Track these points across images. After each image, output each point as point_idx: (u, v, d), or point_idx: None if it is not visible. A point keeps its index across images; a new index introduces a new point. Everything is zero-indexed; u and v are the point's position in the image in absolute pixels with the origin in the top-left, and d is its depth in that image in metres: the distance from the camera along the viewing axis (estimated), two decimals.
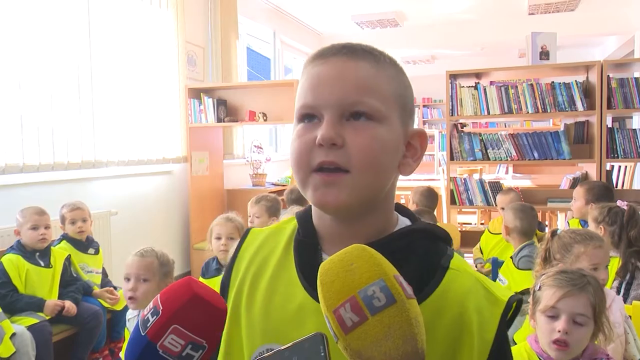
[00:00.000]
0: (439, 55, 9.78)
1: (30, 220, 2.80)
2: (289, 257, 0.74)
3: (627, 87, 3.85)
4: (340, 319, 0.54)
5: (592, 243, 1.91)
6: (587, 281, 1.46)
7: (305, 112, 0.69)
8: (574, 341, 1.41)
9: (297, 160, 0.69)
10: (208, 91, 4.72)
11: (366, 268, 0.55)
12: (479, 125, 9.82)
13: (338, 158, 0.65)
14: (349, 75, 0.68)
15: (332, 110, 0.67)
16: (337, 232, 0.71)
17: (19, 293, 2.72)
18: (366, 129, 0.67)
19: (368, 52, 0.71)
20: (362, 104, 0.67)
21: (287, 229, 0.79)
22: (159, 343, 0.58)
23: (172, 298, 0.60)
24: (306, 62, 0.72)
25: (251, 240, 0.81)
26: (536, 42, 4.22)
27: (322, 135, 0.65)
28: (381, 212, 0.72)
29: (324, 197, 0.66)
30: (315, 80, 0.69)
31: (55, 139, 3.36)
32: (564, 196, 4.15)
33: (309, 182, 0.68)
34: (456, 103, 4.21)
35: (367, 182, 0.67)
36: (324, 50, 0.71)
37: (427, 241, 0.72)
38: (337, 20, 7.52)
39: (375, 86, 0.69)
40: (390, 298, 0.53)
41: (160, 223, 4.38)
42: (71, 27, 3.49)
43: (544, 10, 6.94)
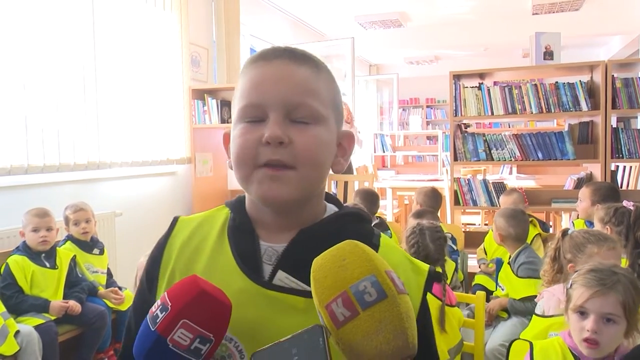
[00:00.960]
0: (443, 55, 9.77)
1: (31, 223, 2.81)
2: (224, 244, 0.76)
3: (631, 87, 3.84)
4: (332, 314, 0.55)
5: (606, 244, 1.92)
6: (617, 279, 1.45)
7: (249, 112, 0.72)
8: (605, 340, 1.42)
9: (241, 157, 0.71)
10: (212, 92, 4.73)
11: (358, 264, 0.57)
12: (482, 125, 9.80)
13: (284, 156, 0.69)
14: (293, 77, 0.72)
15: (277, 110, 0.70)
16: (273, 221, 0.75)
17: (24, 294, 2.73)
18: (309, 129, 0.71)
19: (309, 57, 0.75)
20: (306, 106, 0.71)
21: (219, 217, 0.81)
22: (169, 337, 0.60)
23: (180, 294, 0.62)
24: (247, 63, 0.76)
25: (180, 228, 0.83)
26: (540, 42, 4.22)
27: (270, 134, 0.68)
28: (313, 204, 0.76)
29: (270, 191, 0.70)
30: (259, 80, 0.72)
31: (60, 140, 3.37)
32: (568, 197, 4.14)
33: (253, 178, 0.71)
34: (460, 103, 4.21)
35: (309, 178, 0.71)
36: (266, 52, 0.75)
37: (356, 224, 0.77)
38: (341, 21, 7.53)
39: (316, 89, 0.73)
40: (382, 293, 0.54)
41: (164, 224, 4.29)
42: (76, 29, 3.50)
43: (548, 10, 6.92)
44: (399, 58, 10.01)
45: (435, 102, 11.64)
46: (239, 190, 3.31)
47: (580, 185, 4.30)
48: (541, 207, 4.37)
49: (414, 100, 11.68)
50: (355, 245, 0.59)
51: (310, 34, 7.81)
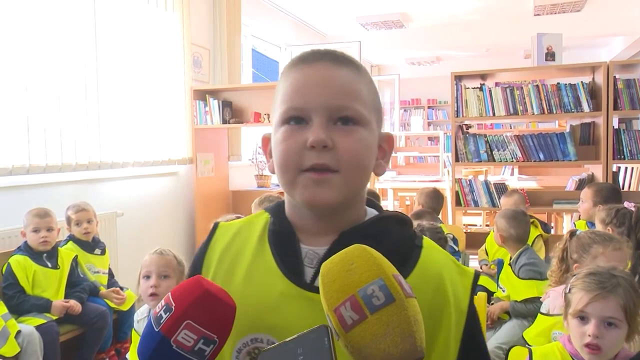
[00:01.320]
0: (444, 56, 9.77)
1: (32, 223, 2.81)
2: (264, 248, 0.77)
3: (633, 88, 3.83)
4: (341, 318, 0.55)
5: (612, 245, 1.91)
6: (617, 282, 1.43)
7: (292, 115, 0.72)
8: (606, 344, 1.40)
9: (285, 162, 0.71)
10: (213, 93, 4.73)
11: (366, 268, 0.57)
12: (484, 126, 9.80)
13: (329, 160, 0.69)
14: (336, 80, 0.71)
15: (321, 113, 0.70)
16: (314, 225, 0.75)
17: (26, 294, 2.74)
18: (353, 133, 0.71)
19: (349, 59, 0.75)
20: (350, 109, 0.71)
21: (259, 222, 0.81)
22: (172, 338, 0.60)
23: (184, 295, 0.62)
24: (288, 66, 0.75)
25: (221, 234, 0.83)
26: (542, 43, 4.21)
27: (314, 139, 0.68)
28: (354, 208, 0.76)
29: (316, 195, 0.70)
30: (302, 84, 0.72)
31: (62, 141, 3.37)
32: (570, 198, 4.13)
33: (298, 182, 0.71)
34: (461, 104, 4.21)
35: (353, 181, 0.72)
36: (307, 55, 0.74)
37: (397, 226, 0.77)
38: (342, 21, 7.53)
39: (358, 92, 0.73)
40: (389, 297, 0.55)
41: (165, 224, 4.39)
42: (77, 30, 3.51)
43: (550, 11, 6.92)
44: (401, 59, 10.01)
45: (437, 103, 11.64)
46: (241, 191, 3.33)
47: (581, 186, 4.29)
48: (543, 208, 4.36)
49: (416, 101, 11.68)
50: (363, 249, 0.59)
51: (311, 34, 7.82)
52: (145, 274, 1.95)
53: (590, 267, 1.54)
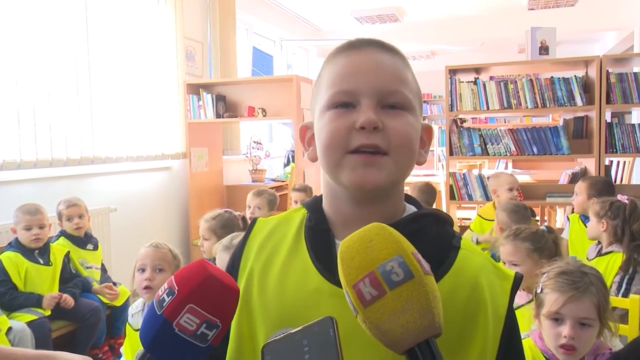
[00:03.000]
0: (439, 50, 9.76)
1: (23, 221, 2.79)
2: (301, 243, 0.76)
3: (626, 82, 3.84)
4: (360, 293, 0.55)
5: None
6: (589, 281, 1.42)
7: (340, 99, 0.71)
8: (581, 344, 1.40)
9: (331, 143, 0.71)
10: (207, 87, 4.71)
11: (385, 245, 0.57)
12: (478, 120, 9.80)
13: (379, 141, 0.69)
14: (385, 65, 0.72)
15: (371, 96, 0.70)
16: (352, 217, 0.74)
17: (17, 291, 2.72)
18: (402, 116, 0.71)
19: (396, 49, 0.76)
20: (399, 93, 0.71)
21: (296, 217, 0.81)
22: (175, 322, 0.59)
23: (187, 278, 0.62)
24: (333, 53, 0.76)
25: (259, 228, 0.83)
26: (536, 37, 4.21)
27: (365, 119, 0.68)
28: (394, 199, 0.75)
29: (364, 176, 0.69)
30: (351, 68, 0.72)
31: (53, 135, 3.35)
32: (563, 191, 4.15)
33: (344, 164, 0.70)
34: (455, 98, 4.21)
35: (402, 164, 0.71)
36: (354, 42, 0.75)
37: (436, 224, 0.75)
38: (337, 15, 7.50)
39: (406, 79, 0.74)
40: (408, 273, 0.55)
41: (159, 219, 4.37)
42: (69, 23, 3.48)
43: (544, 5, 6.92)
44: None
45: (432, 98, 11.63)
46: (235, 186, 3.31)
47: (574, 179, 4.31)
48: (536, 202, 4.37)
49: None
50: (382, 227, 0.59)
51: (306, 29, 7.79)
52: (140, 267, 1.95)
53: (560, 266, 1.52)
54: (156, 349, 0.61)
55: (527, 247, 1.96)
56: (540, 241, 1.97)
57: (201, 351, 0.61)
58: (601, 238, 2.51)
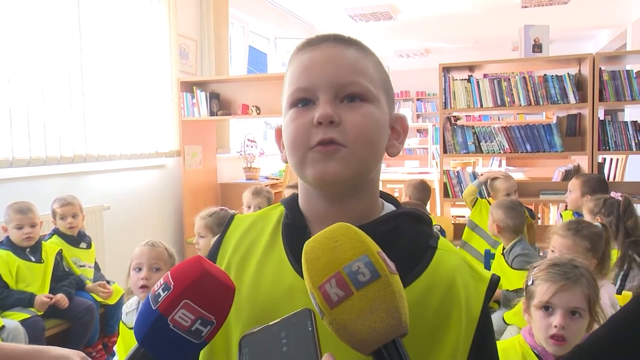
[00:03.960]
0: (433, 48, 9.78)
1: (14, 220, 2.78)
2: (277, 240, 0.77)
3: (618, 79, 3.86)
4: (326, 295, 0.55)
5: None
6: (580, 273, 1.44)
7: (299, 96, 0.72)
8: (571, 335, 1.40)
9: (294, 141, 0.71)
10: (201, 84, 4.70)
11: (350, 245, 0.57)
12: (472, 118, 9.83)
13: (336, 135, 0.68)
14: (341, 58, 0.71)
15: (327, 90, 0.70)
16: (326, 215, 0.74)
17: (9, 289, 2.71)
18: (359, 108, 0.70)
19: (355, 40, 0.75)
20: (356, 83, 0.70)
21: (273, 214, 0.81)
22: (169, 317, 0.59)
23: (183, 274, 0.62)
24: (294, 52, 0.75)
25: (236, 225, 0.83)
26: (529, 35, 4.23)
27: (320, 114, 0.68)
28: (367, 196, 0.75)
29: (325, 169, 0.69)
30: (308, 65, 0.72)
31: (46, 133, 3.33)
32: (557, 188, 4.17)
33: (307, 160, 0.70)
34: (449, 96, 4.21)
35: (362, 156, 0.70)
36: (312, 39, 0.75)
37: (414, 224, 0.75)
38: (331, 13, 7.50)
39: (364, 68, 0.72)
40: (375, 273, 0.54)
41: (153, 217, 4.36)
42: (62, 20, 3.46)
43: (537, 3, 6.94)
44: (389, 51, 9.99)
45: (426, 95, 11.66)
46: (229, 184, 3.31)
47: (568, 177, 4.32)
48: (529, 199, 4.38)
49: (405, 93, 11.69)
50: (347, 227, 0.59)
51: (300, 26, 7.78)
52: (136, 265, 1.94)
53: (551, 259, 1.54)
54: (150, 343, 0.61)
55: (585, 245, 1.96)
56: (597, 242, 1.98)
57: (195, 347, 0.61)
58: None
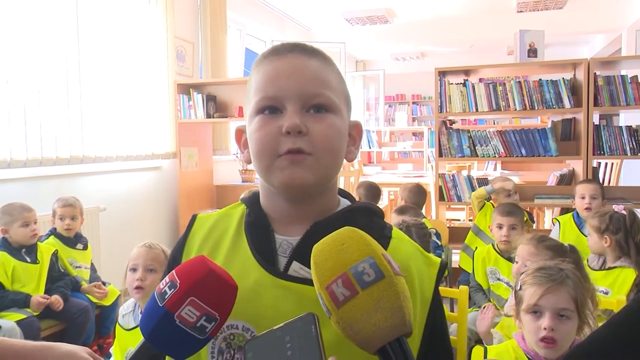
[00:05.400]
0: (429, 52, 9.81)
1: (21, 218, 2.78)
2: (241, 238, 0.80)
3: (613, 84, 3.89)
4: (333, 294, 0.57)
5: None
6: (565, 275, 1.47)
7: (266, 104, 0.75)
8: (561, 337, 1.41)
9: (262, 149, 0.74)
10: (197, 87, 4.70)
11: (356, 247, 0.60)
12: (467, 122, 9.86)
13: (303, 144, 0.72)
14: (307, 70, 0.75)
15: (294, 101, 0.73)
16: (287, 213, 0.78)
17: (4, 290, 2.70)
18: (325, 119, 0.74)
19: (318, 51, 0.79)
20: (321, 95, 0.75)
21: (235, 213, 0.84)
22: (176, 313, 0.62)
23: (189, 273, 0.65)
24: (259, 59, 0.79)
25: (199, 225, 0.86)
26: (524, 40, 4.25)
27: (289, 124, 0.71)
28: (327, 196, 0.80)
29: (292, 175, 0.72)
30: (274, 74, 0.75)
31: (43, 134, 3.33)
32: (551, 193, 4.19)
33: (275, 166, 0.73)
34: (445, 100, 4.23)
35: (326, 164, 0.75)
36: (278, 48, 0.78)
37: (367, 217, 0.80)
38: (327, 17, 7.52)
39: (328, 81, 0.77)
40: (379, 273, 0.57)
41: (149, 219, 4.36)
42: (60, 22, 3.46)
43: (533, 7, 6.98)
44: (385, 54, 10.03)
45: (421, 99, 11.69)
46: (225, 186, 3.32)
47: (562, 181, 4.35)
48: (525, 203, 4.40)
49: (400, 97, 11.72)
50: (353, 230, 0.62)
51: (296, 29, 7.80)
52: (132, 266, 1.95)
53: (538, 263, 1.57)
54: (156, 339, 0.63)
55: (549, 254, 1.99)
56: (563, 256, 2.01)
57: (199, 342, 0.64)
58: (605, 253, 2.41)
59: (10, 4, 3.11)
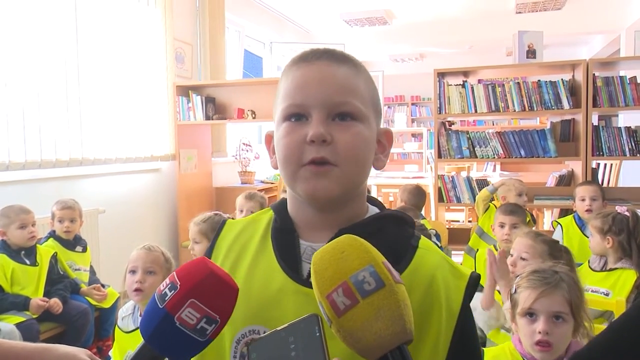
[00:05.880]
0: (428, 53, 9.81)
1: (18, 220, 2.77)
2: (267, 244, 0.80)
3: (612, 85, 3.89)
4: (334, 303, 0.57)
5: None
6: (560, 278, 1.47)
7: (293, 112, 0.74)
8: (556, 340, 1.41)
9: (287, 156, 0.74)
10: (196, 89, 4.70)
11: (356, 255, 0.59)
12: (466, 123, 9.87)
13: (328, 154, 0.71)
14: (334, 78, 0.74)
15: (320, 109, 0.73)
16: (313, 220, 0.78)
17: (4, 292, 2.70)
18: (351, 127, 0.73)
19: (348, 57, 0.78)
20: (348, 104, 0.74)
21: (263, 219, 0.84)
22: (176, 315, 0.62)
23: (189, 274, 0.64)
24: (289, 65, 0.78)
25: (228, 230, 0.86)
26: (523, 41, 4.26)
27: (313, 133, 0.71)
28: (355, 204, 0.79)
29: (315, 187, 0.72)
30: (302, 81, 0.75)
31: (42, 137, 3.33)
32: (550, 194, 4.19)
33: (299, 175, 0.73)
34: (444, 101, 4.24)
35: (352, 174, 0.74)
36: (307, 54, 0.77)
37: (396, 225, 0.79)
38: (326, 18, 7.52)
39: (356, 89, 0.76)
40: (380, 282, 0.57)
41: (148, 221, 4.36)
42: (58, 24, 3.46)
43: (531, 9, 6.98)
44: (384, 55, 10.02)
45: (420, 100, 11.69)
46: (224, 187, 3.32)
47: (561, 182, 4.35)
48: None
49: (399, 98, 11.72)
50: (353, 238, 0.61)
51: (295, 31, 7.80)
52: (132, 268, 1.95)
53: (532, 266, 1.57)
54: (156, 341, 0.63)
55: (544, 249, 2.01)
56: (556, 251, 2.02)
57: (199, 345, 0.63)
58: (607, 254, 2.41)
59: (9, 7, 3.10)
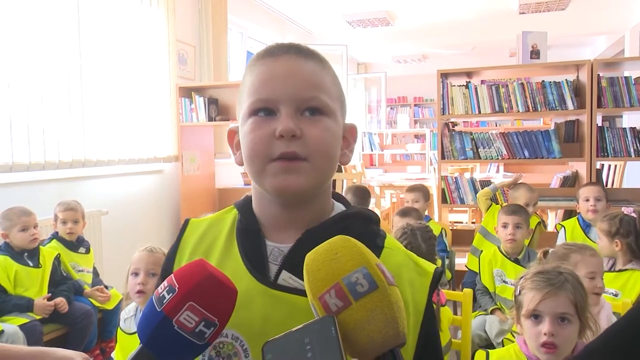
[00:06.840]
0: (430, 54, 9.81)
1: (20, 222, 2.77)
2: (232, 245, 0.78)
3: (617, 86, 3.88)
4: (326, 305, 0.56)
5: (588, 252, 1.94)
6: (564, 279, 1.45)
7: (260, 106, 0.73)
8: (562, 342, 1.40)
9: (255, 151, 0.72)
10: (199, 90, 4.70)
11: (350, 257, 0.58)
12: (470, 124, 9.85)
13: (297, 148, 0.70)
14: (302, 73, 0.73)
15: (289, 104, 0.71)
16: (280, 219, 0.76)
17: (7, 294, 2.70)
18: (320, 122, 0.73)
19: (314, 52, 0.77)
20: (316, 99, 0.73)
21: (228, 218, 0.82)
22: (174, 319, 0.60)
23: (188, 277, 0.63)
24: (253, 60, 0.76)
25: (192, 230, 0.84)
26: (527, 42, 4.24)
27: (283, 128, 0.70)
28: (321, 200, 0.78)
29: (285, 182, 0.71)
30: (269, 76, 0.73)
31: (45, 138, 3.33)
32: (555, 195, 4.17)
33: (268, 171, 0.72)
34: (447, 102, 4.23)
35: (321, 169, 0.73)
36: (273, 49, 0.76)
37: (362, 223, 0.78)
38: (329, 19, 7.52)
39: (323, 83, 0.75)
40: (373, 284, 0.56)
41: (151, 222, 4.36)
42: (61, 25, 3.46)
43: (535, 9, 6.96)
44: (387, 57, 10.02)
45: (423, 101, 11.69)
46: (227, 189, 3.31)
47: (566, 183, 4.34)
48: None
49: (402, 99, 11.72)
50: (347, 239, 0.60)
51: (298, 32, 7.80)
52: (134, 270, 1.95)
53: (536, 267, 1.55)
54: (154, 344, 0.62)
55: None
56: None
57: (198, 348, 0.62)
58: (616, 256, 2.41)
59: (11, 8, 3.11)
